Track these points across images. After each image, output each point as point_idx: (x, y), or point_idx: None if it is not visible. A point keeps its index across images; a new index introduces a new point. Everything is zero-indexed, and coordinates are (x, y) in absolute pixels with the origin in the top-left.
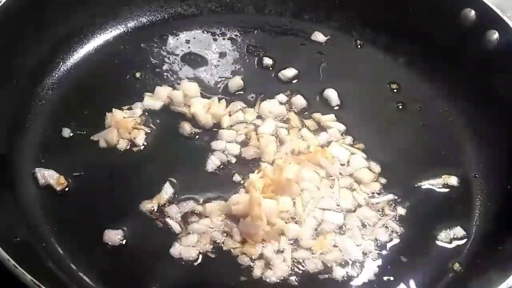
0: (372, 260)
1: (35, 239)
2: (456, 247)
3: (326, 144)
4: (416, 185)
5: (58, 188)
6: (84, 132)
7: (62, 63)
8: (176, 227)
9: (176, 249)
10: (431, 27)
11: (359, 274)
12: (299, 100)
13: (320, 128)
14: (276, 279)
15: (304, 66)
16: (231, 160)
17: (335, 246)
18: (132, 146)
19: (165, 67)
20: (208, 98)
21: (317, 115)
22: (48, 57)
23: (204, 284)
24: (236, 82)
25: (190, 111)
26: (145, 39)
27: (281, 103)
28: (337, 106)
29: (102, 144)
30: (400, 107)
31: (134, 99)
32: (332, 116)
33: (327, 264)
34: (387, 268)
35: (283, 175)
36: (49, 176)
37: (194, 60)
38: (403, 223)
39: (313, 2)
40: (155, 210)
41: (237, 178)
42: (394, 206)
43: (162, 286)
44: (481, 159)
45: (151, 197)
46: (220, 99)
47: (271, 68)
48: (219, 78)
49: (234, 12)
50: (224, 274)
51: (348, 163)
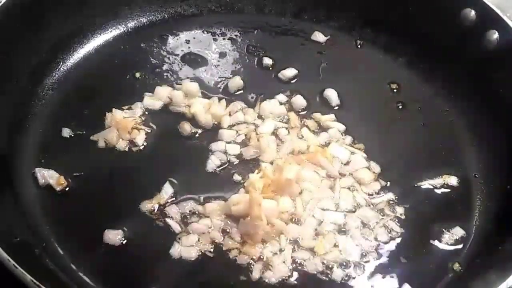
0: (372, 260)
1: (35, 239)
2: (456, 247)
3: (326, 144)
4: (416, 185)
5: (58, 188)
6: (84, 132)
7: (62, 63)
8: (176, 227)
9: (176, 249)
10: (431, 27)
11: (359, 275)
12: (299, 100)
13: (320, 128)
14: (275, 280)
15: (304, 66)
16: (231, 160)
17: (335, 246)
18: (132, 146)
19: (165, 67)
20: (208, 98)
21: (317, 115)
22: (48, 57)
23: (204, 284)
24: (236, 82)
25: (190, 111)
26: (145, 39)
27: (281, 103)
28: (337, 106)
29: (102, 144)
30: (400, 107)
31: (134, 99)
32: (332, 116)
33: (327, 265)
34: (387, 268)
35: (283, 175)
36: (49, 176)
37: (194, 60)
38: (403, 223)
39: (313, 2)
40: (155, 210)
41: (237, 178)
42: (394, 206)
43: (162, 286)
44: (481, 159)
45: (151, 197)
46: (220, 99)
47: (271, 68)
48: (219, 78)
49: (234, 12)
50: (223, 274)
51: (348, 163)
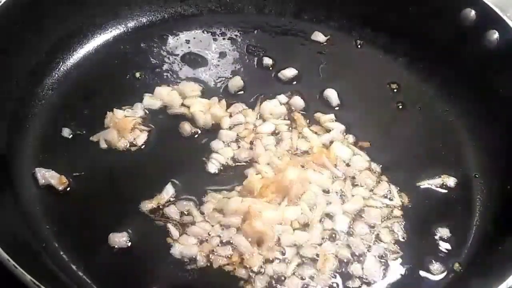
0: (372, 260)
1: (35, 239)
2: (456, 247)
3: (328, 145)
4: (416, 185)
5: (60, 188)
6: (84, 132)
7: (62, 63)
8: (174, 232)
9: (176, 249)
10: (431, 27)
11: (359, 274)
12: (299, 101)
13: (321, 128)
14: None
15: (304, 66)
16: (231, 161)
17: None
18: (132, 146)
19: (165, 67)
20: (208, 99)
21: (317, 115)
22: (48, 57)
23: (204, 284)
24: (236, 82)
25: (189, 111)
26: (145, 39)
27: (281, 103)
28: (337, 106)
29: (102, 144)
30: (400, 107)
31: (134, 99)
32: (332, 116)
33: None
34: (387, 268)
35: (285, 177)
36: (49, 176)
37: (194, 60)
38: (403, 223)
39: (313, 2)
40: (155, 210)
41: (237, 178)
42: (394, 206)
43: (162, 286)
44: (481, 159)
45: (151, 197)
46: (220, 100)
47: (271, 68)
48: (219, 78)
49: (234, 12)
50: (224, 273)
51: (349, 164)
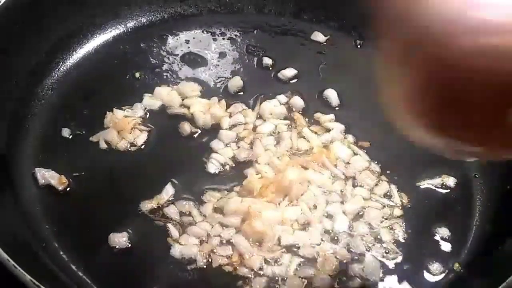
0: (371, 260)
1: (35, 239)
2: (456, 247)
3: (328, 145)
4: (416, 185)
5: (60, 188)
6: (84, 132)
7: (62, 63)
8: (174, 232)
9: (176, 249)
10: None
11: (359, 274)
12: (298, 101)
13: (321, 128)
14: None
15: (304, 66)
16: (231, 161)
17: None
18: (132, 146)
19: (164, 67)
20: (208, 99)
21: (316, 115)
22: (48, 57)
23: (204, 284)
24: (236, 82)
25: (189, 111)
26: (145, 39)
27: (281, 103)
28: (337, 106)
29: (102, 144)
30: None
31: (134, 99)
32: (331, 116)
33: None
34: (386, 268)
35: (284, 177)
36: (49, 176)
37: (193, 60)
38: (403, 223)
39: (313, 2)
40: (155, 211)
41: (236, 179)
42: (393, 206)
43: (162, 286)
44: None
45: (151, 197)
46: (220, 100)
47: (271, 68)
48: (219, 78)
49: (234, 12)
50: (224, 273)
51: (349, 164)
